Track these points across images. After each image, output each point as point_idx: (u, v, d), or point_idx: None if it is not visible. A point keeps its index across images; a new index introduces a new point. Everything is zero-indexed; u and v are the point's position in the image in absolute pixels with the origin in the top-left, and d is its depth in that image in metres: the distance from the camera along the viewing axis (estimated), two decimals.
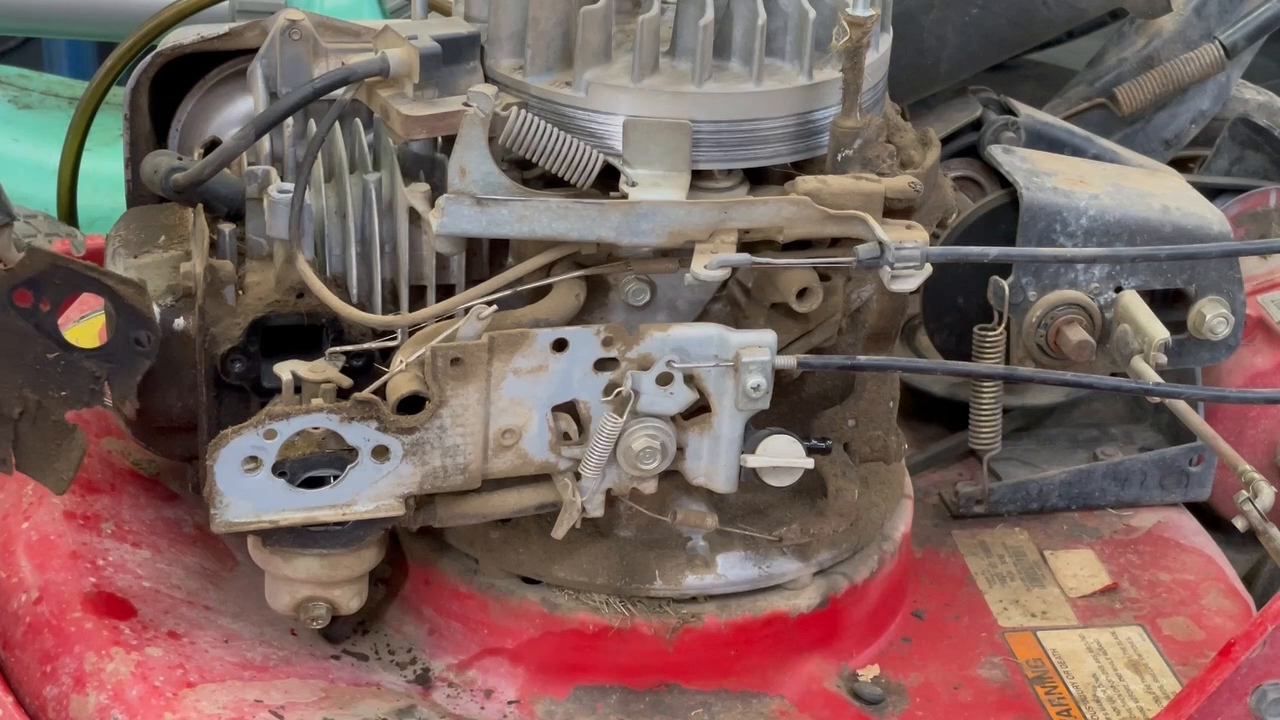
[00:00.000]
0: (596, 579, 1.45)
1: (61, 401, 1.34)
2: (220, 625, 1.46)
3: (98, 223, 2.19)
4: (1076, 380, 1.44)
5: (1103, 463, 1.79)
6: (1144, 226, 1.67)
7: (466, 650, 1.47)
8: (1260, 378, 1.87)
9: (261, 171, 1.41)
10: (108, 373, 1.34)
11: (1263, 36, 2.05)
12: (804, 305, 1.40)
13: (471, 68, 1.38)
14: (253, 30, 1.51)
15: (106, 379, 1.34)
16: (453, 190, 1.32)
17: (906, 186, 1.36)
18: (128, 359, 1.34)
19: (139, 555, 1.51)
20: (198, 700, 1.37)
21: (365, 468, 1.33)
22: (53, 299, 1.31)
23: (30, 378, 1.33)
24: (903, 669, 1.54)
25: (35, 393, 1.33)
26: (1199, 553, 1.73)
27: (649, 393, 1.34)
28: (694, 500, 1.45)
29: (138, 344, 1.33)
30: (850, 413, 1.47)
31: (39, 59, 3.66)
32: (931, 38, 1.85)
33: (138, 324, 1.33)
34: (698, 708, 1.46)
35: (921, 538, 1.70)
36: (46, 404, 1.34)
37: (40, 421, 1.35)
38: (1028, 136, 1.82)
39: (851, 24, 1.31)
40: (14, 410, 1.34)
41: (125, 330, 1.33)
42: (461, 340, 1.31)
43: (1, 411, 1.33)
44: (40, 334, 1.32)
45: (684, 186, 1.34)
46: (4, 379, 1.33)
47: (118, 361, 1.33)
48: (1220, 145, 2.05)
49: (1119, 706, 1.51)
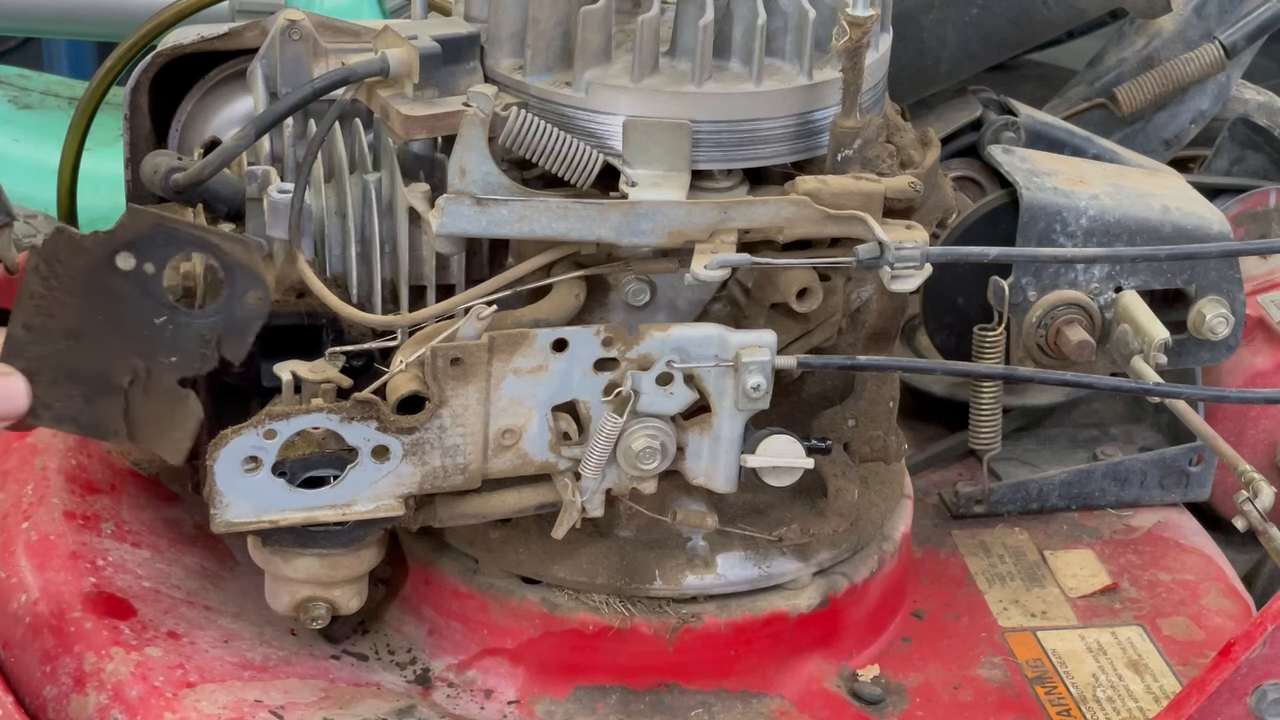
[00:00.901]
0: (596, 579, 1.45)
1: (172, 367, 1.30)
2: (220, 625, 1.46)
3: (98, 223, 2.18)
4: (1076, 380, 1.44)
5: (1103, 463, 1.79)
6: (1144, 226, 1.67)
7: (466, 650, 1.47)
8: (1260, 378, 1.87)
9: (261, 171, 1.41)
10: (218, 335, 1.30)
11: (1263, 36, 2.05)
12: (804, 305, 1.40)
13: (471, 68, 1.38)
14: (253, 30, 1.52)
15: (217, 342, 1.30)
16: (453, 190, 1.32)
17: (906, 186, 1.36)
18: (240, 320, 1.30)
19: (139, 555, 1.51)
20: (198, 700, 1.37)
21: (365, 468, 1.33)
22: (157, 261, 1.27)
23: (138, 344, 1.29)
24: (903, 669, 1.54)
25: (144, 359, 1.29)
26: (1199, 553, 1.74)
27: (649, 393, 1.34)
28: (694, 500, 1.45)
29: (249, 303, 1.30)
30: (850, 413, 1.47)
31: (39, 59, 3.66)
32: (931, 38, 1.85)
33: (248, 283, 1.29)
34: (698, 708, 1.46)
35: (921, 538, 1.70)
36: (156, 371, 1.30)
37: (151, 389, 1.30)
38: (1028, 136, 1.82)
39: (851, 24, 1.31)
40: (123, 379, 1.29)
41: (235, 290, 1.29)
42: (461, 340, 1.31)
43: (111, 380, 1.29)
44: (146, 298, 1.28)
45: (684, 186, 1.34)
46: (111, 346, 1.29)
47: (229, 323, 1.30)
48: (1220, 145, 2.05)
49: (1119, 706, 1.51)
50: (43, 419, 1.30)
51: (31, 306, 1.28)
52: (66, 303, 1.28)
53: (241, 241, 1.28)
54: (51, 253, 1.27)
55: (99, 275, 1.28)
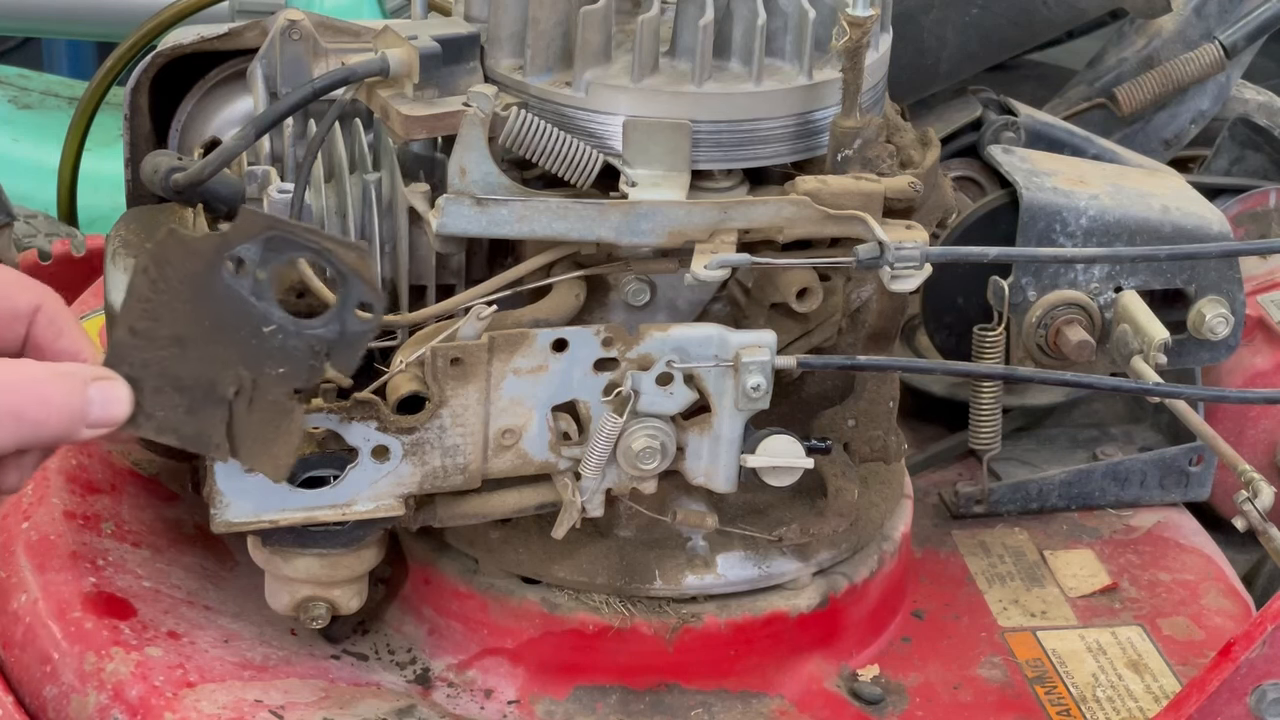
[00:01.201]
0: (596, 579, 1.45)
1: (279, 379, 1.21)
2: (220, 625, 1.46)
3: (98, 223, 2.20)
4: (1076, 380, 1.44)
5: (1103, 463, 1.79)
6: (1144, 226, 1.67)
7: (466, 650, 1.47)
8: (1260, 378, 1.87)
9: (261, 171, 1.41)
10: (329, 347, 1.22)
11: (1263, 36, 2.05)
12: (804, 305, 1.40)
13: (471, 68, 1.38)
14: (253, 30, 1.51)
15: (327, 354, 1.22)
16: (453, 190, 1.32)
17: (906, 186, 1.36)
18: (352, 331, 1.22)
19: (139, 555, 1.51)
20: (198, 700, 1.37)
21: (365, 468, 1.33)
22: (269, 266, 1.20)
23: (245, 353, 1.21)
24: (903, 669, 1.54)
25: (250, 370, 1.21)
26: (1199, 553, 1.73)
27: (649, 393, 1.34)
28: (694, 500, 1.45)
29: (362, 314, 1.21)
30: (850, 413, 1.47)
31: (39, 59, 3.67)
32: (931, 38, 1.85)
33: (361, 291, 1.21)
34: (698, 708, 1.46)
35: (921, 538, 1.70)
36: (262, 382, 1.22)
37: (257, 402, 1.22)
38: (1028, 136, 1.82)
39: (851, 24, 1.31)
40: (229, 389, 1.22)
41: (347, 298, 1.21)
42: (461, 340, 1.31)
43: (216, 391, 1.22)
44: (256, 304, 1.21)
45: (684, 186, 1.34)
46: (218, 354, 1.21)
47: (341, 334, 1.21)
48: (1220, 145, 2.05)
49: (1119, 706, 1.51)
50: (143, 428, 1.22)
51: (138, 310, 1.21)
52: (174, 307, 1.21)
53: (357, 248, 1.21)
54: (160, 255, 1.21)
55: (208, 280, 1.21)
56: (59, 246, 1.94)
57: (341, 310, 1.21)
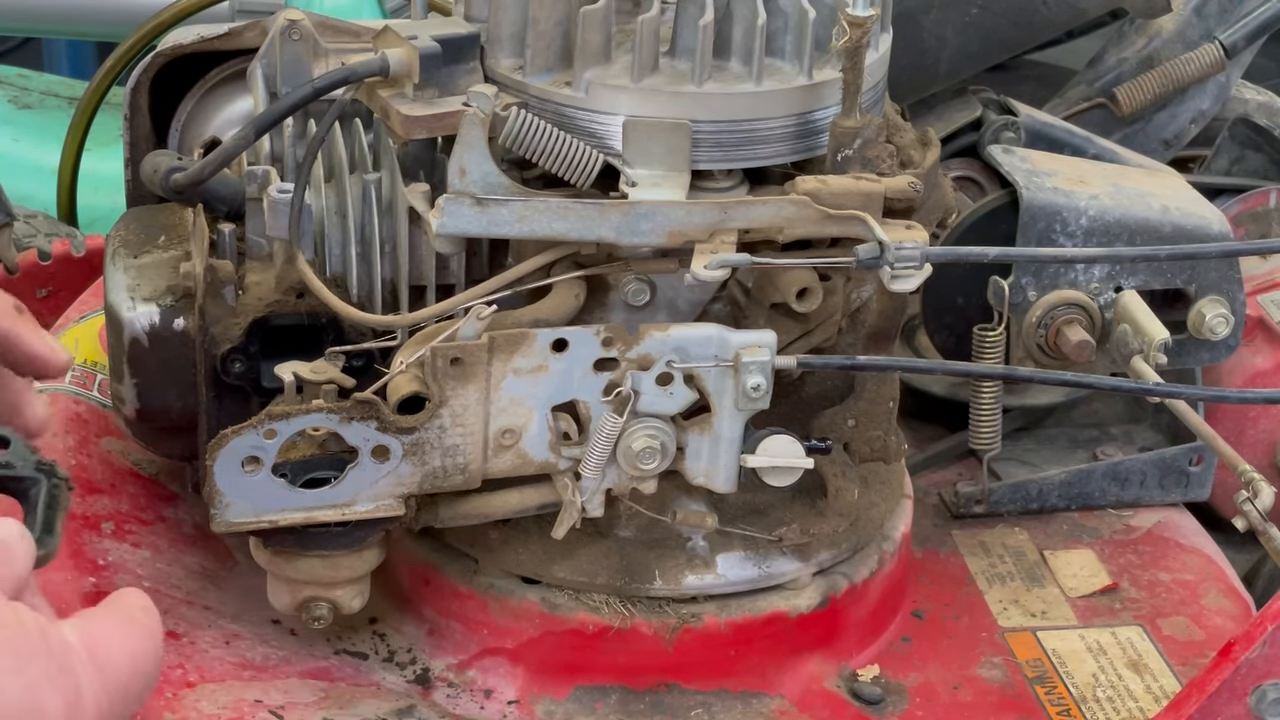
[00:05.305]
0: (596, 579, 1.45)
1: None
2: (220, 625, 1.46)
3: (98, 223, 2.19)
4: (1076, 380, 1.44)
5: (1103, 463, 1.79)
6: (1144, 226, 1.67)
7: (466, 650, 1.47)
8: (1260, 378, 1.87)
9: (261, 171, 1.41)
10: None
11: (1263, 36, 2.05)
12: (804, 305, 1.40)
13: (471, 68, 1.38)
14: (253, 30, 1.51)
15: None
16: (453, 190, 1.32)
17: (906, 186, 1.36)
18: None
19: (139, 555, 1.51)
20: (198, 700, 1.37)
21: (365, 468, 1.33)
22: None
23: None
24: (903, 669, 1.54)
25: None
26: (1199, 553, 1.73)
27: (649, 393, 1.34)
28: (694, 500, 1.45)
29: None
30: (850, 413, 1.47)
31: (39, 59, 3.66)
32: (931, 38, 1.85)
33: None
34: (698, 708, 1.46)
35: (921, 538, 1.70)
36: None
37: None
38: (1028, 136, 1.82)
39: (851, 24, 1.31)
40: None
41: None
42: (461, 340, 1.31)
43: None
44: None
45: (684, 186, 1.34)
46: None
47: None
48: (1220, 145, 2.05)
49: (1119, 706, 1.51)
50: None
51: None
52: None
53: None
54: None
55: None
56: (59, 246, 1.94)
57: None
